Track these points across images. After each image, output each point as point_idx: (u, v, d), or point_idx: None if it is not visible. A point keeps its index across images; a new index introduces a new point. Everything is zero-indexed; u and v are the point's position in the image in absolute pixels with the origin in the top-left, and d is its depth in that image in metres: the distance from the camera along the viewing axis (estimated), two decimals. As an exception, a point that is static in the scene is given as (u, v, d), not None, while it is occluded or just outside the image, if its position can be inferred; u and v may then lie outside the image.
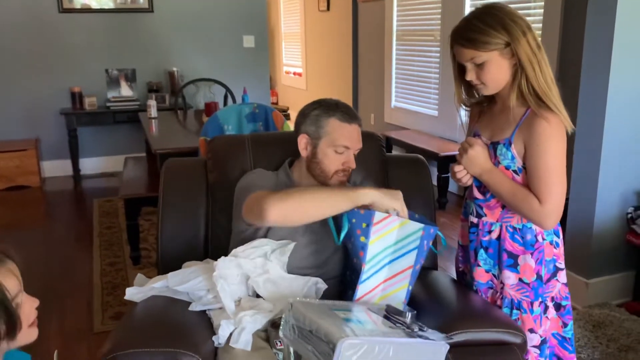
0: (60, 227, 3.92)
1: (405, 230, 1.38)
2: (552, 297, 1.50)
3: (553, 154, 1.38)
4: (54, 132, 5.10)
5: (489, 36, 1.35)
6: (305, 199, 1.41)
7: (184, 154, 2.92)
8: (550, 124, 1.37)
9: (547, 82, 1.38)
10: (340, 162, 1.56)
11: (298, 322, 1.21)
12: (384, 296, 1.41)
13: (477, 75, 1.41)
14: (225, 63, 5.50)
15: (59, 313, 2.67)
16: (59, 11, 4.92)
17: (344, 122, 1.55)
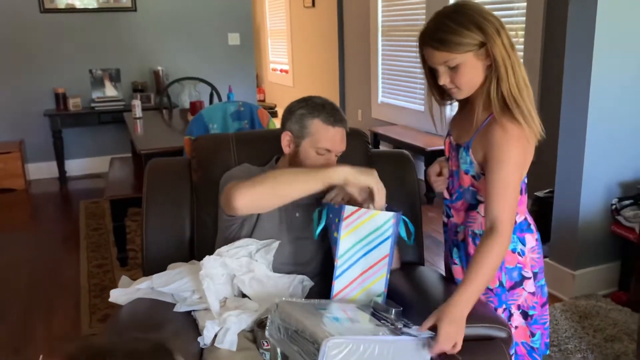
0: (46, 230, 3.88)
1: (376, 221, 1.38)
2: (518, 305, 1.46)
3: (510, 164, 1.30)
4: (38, 133, 5.05)
5: (463, 37, 1.26)
6: (274, 183, 1.38)
7: (169, 153, 2.90)
8: (507, 134, 1.29)
9: (520, 84, 1.30)
10: (321, 163, 1.54)
11: (284, 322, 1.21)
12: (363, 289, 1.42)
13: (451, 78, 1.32)
14: (211, 61, 5.48)
15: (45, 316, 2.64)
16: (41, 11, 4.87)
17: (327, 125, 1.54)
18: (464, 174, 1.43)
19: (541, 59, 3.39)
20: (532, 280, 1.46)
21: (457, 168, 1.46)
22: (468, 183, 1.43)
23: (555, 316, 2.45)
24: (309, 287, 1.48)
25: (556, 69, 3.25)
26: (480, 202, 1.43)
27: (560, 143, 2.63)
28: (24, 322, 2.60)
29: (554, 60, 3.30)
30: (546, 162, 3.36)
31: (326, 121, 1.54)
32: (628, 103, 2.54)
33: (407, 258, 1.79)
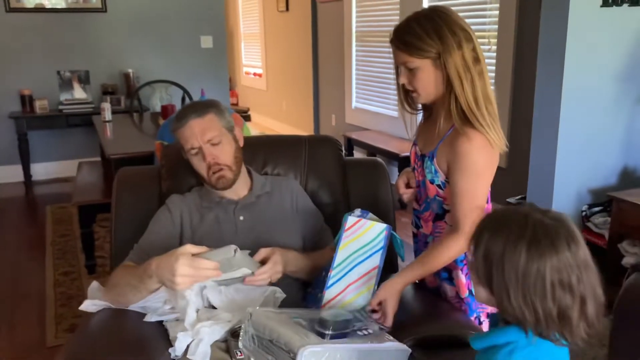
0: (10, 236, 3.75)
1: (372, 233, 1.38)
2: (487, 313, 1.47)
3: (474, 173, 1.32)
4: (3, 136, 4.90)
5: (422, 42, 1.29)
6: (118, 298, 1.42)
7: (140, 158, 2.84)
8: (471, 142, 1.30)
9: (478, 98, 1.30)
10: (203, 162, 1.55)
11: (258, 331, 1.18)
12: (350, 300, 1.40)
13: (409, 80, 1.35)
14: (183, 64, 5.40)
15: (8, 326, 2.55)
16: (7, 10, 4.73)
17: (179, 128, 1.55)
18: (429, 184, 1.43)
19: (513, 66, 3.44)
20: None
21: (423, 178, 1.47)
22: (434, 193, 1.44)
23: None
24: (280, 299, 1.46)
25: (528, 76, 3.29)
26: (447, 211, 1.43)
27: (532, 150, 2.66)
28: (-15, 332, 2.51)
29: (525, 67, 3.34)
30: (518, 169, 3.40)
31: (177, 127, 1.56)
32: (599, 111, 2.58)
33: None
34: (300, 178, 1.82)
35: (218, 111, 1.58)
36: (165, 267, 1.28)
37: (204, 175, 1.57)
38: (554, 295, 0.87)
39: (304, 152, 1.85)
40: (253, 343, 1.21)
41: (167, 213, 1.60)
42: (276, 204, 1.64)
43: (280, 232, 1.59)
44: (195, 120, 1.53)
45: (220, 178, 1.55)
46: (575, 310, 0.87)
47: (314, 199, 1.77)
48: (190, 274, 1.26)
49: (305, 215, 1.67)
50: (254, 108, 8.22)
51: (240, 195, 1.62)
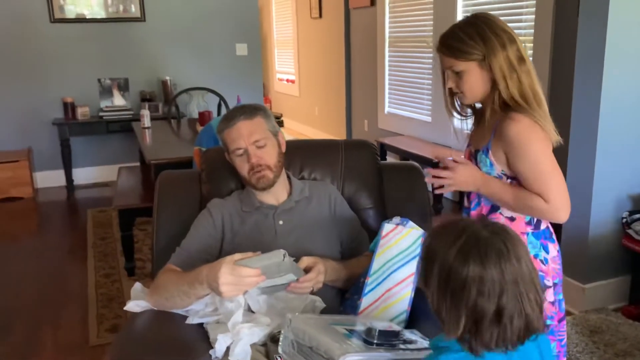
0: (53, 239, 3.89)
1: (408, 239, 1.39)
2: None
3: (535, 152, 1.35)
4: (46, 142, 5.08)
5: (467, 46, 1.35)
6: (164, 303, 1.46)
7: (179, 163, 2.91)
8: (519, 123, 1.35)
9: (525, 95, 1.36)
10: (246, 163, 1.59)
11: (297, 337, 1.19)
12: (386, 306, 1.41)
13: (456, 83, 1.41)
14: (219, 71, 5.50)
15: (53, 326, 2.64)
16: (51, 21, 4.91)
17: (227, 129, 1.60)
18: None
19: (550, 71, 3.39)
20: (552, 290, 1.47)
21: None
22: None
23: (566, 330, 2.43)
24: (320, 309, 1.48)
25: (565, 81, 3.24)
26: None
27: (570, 155, 2.62)
28: (31, 332, 2.60)
29: (563, 72, 3.29)
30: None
31: (225, 127, 1.60)
32: (639, 115, 2.53)
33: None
34: (337, 182, 1.84)
35: (265, 115, 1.63)
36: (211, 275, 1.31)
37: (246, 176, 1.61)
38: (468, 301, 0.90)
39: (341, 156, 1.87)
40: (293, 349, 1.22)
41: (209, 217, 1.64)
42: (315, 208, 1.67)
43: (318, 237, 1.61)
44: (244, 122, 1.58)
45: (262, 178, 1.58)
46: (487, 319, 0.90)
47: (350, 203, 1.78)
48: (233, 282, 1.29)
49: (343, 220, 1.69)
50: (286, 114, 8.29)
51: (279, 200, 1.66)
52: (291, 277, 1.40)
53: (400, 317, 1.42)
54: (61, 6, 4.92)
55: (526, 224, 1.44)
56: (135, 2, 5.13)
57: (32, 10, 4.84)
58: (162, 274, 1.52)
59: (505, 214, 1.45)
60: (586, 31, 2.47)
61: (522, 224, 1.44)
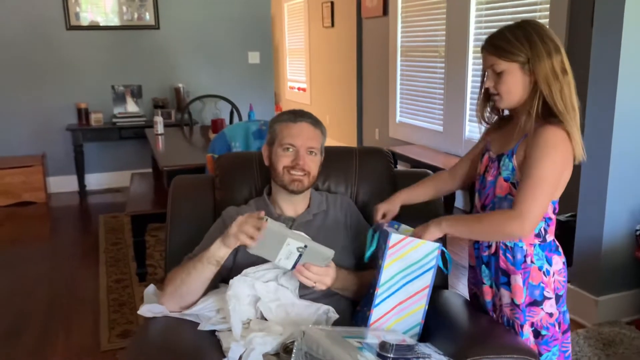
0: (66, 243, 3.92)
1: (421, 251, 1.38)
2: (532, 323, 1.47)
3: (549, 162, 1.34)
4: (60, 148, 5.13)
5: (512, 46, 1.35)
6: (180, 287, 1.48)
7: (191, 170, 2.92)
8: (556, 131, 1.35)
9: (567, 106, 1.36)
10: (289, 159, 1.59)
11: (311, 350, 1.19)
12: (398, 319, 1.40)
13: (495, 83, 1.41)
14: (231, 79, 5.54)
15: (65, 330, 2.66)
16: (67, 28, 4.98)
17: (289, 122, 1.61)
18: (503, 182, 1.45)
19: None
20: (552, 302, 1.46)
21: (493, 178, 1.48)
22: (506, 191, 1.45)
23: (579, 343, 2.41)
24: (333, 319, 1.47)
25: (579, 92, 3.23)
26: None
27: (583, 166, 2.61)
28: (43, 336, 2.62)
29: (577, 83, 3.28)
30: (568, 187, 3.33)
31: (287, 119, 1.62)
32: (653, 128, 2.51)
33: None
34: (351, 189, 1.84)
35: (324, 132, 1.68)
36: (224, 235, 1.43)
37: (280, 170, 1.59)
38: None
39: (355, 163, 1.87)
40: (306, 361, 1.22)
41: (223, 226, 1.63)
42: (331, 221, 1.67)
43: (334, 250, 1.61)
44: (309, 126, 1.62)
45: (297, 181, 1.59)
46: None
47: (364, 210, 1.78)
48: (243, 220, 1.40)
49: (357, 233, 1.69)
50: (297, 122, 8.31)
51: (298, 211, 1.66)
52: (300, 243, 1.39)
53: (414, 329, 1.41)
54: (77, 14, 4.99)
55: (535, 235, 1.44)
56: (150, 10, 5.19)
57: (48, 17, 4.91)
58: (171, 272, 1.55)
59: None
60: (600, 42, 2.46)
61: (531, 235, 1.44)
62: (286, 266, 1.42)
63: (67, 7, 4.93)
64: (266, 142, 1.67)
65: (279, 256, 1.40)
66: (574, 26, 3.28)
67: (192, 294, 1.49)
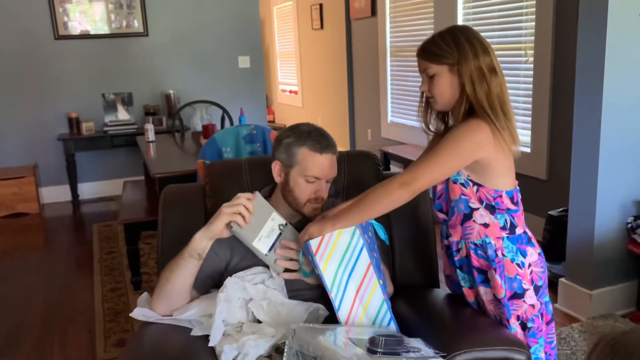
0: (60, 253, 3.90)
1: (345, 238, 1.39)
2: (517, 316, 1.48)
3: (455, 141, 1.38)
4: (52, 158, 5.11)
5: (440, 50, 1.41)
6: (164, 285, 1.48)
7: (183, 177, 2.92)
8: (468, 123, 1.39)
9: (492, 102, 1.39)
10: (312, 191, 1.55)
11: (302, 348, 1.20)
12: (365, 306, 1.41)
13: (429, 87, 1.47)
14: (222, 84, 5.54)
15: (61, 340, 2.65)
16: (55, 38, 4.96)
17: (315, 152, 1.53)
18: (452, 184, 1.48)
19: (551, 77, 3.40)
20: (530, 292, 1.48)
21: (444, 184, 1.51)
22: (459, 192, 1.48)
23: (574, 337, 2.42)
24: (324, 317, 1.48)
25: (567, 87, 3.25)
26: (474, 209, 1.46)
27: (573, 162, 2.62)
28: (39, 346, 2.61)
29: (564, 78, 3.30)
30: (559, 181, 3.35)
31: (313, 148, 1.53)
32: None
33: (421, 281, 1.78)
34: (341, 195, 1.85)
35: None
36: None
37: (302, 200, 1.56)
38: None
39: (343, 168, 1.88)
40: (297, 359, 1.23)
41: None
42: None
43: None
44: (333, 157, 1.57)
45: (315, 210, 1.58)
46: None
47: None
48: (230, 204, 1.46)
49: None
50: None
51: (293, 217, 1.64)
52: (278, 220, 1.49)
53: (382, 307, 1.42)
54: (65, 23, 4.98)
55: (500, 228, 1.46)
56: (138, 17, 5.19)
57: (37, 27, 4.90)
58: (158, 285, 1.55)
59: (479, 221, 1.46)
60: (586, 37, 2.48)
61: (496, 229, 1.46)
62: (263, 248, 1.47)
63: (54, 16, 4.92)
64: (279, 160, 1.58)
65: (261, 233, 1.47)
66: (560, 23, 3.30)
67: (177, 292, 1.49)
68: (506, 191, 1.46)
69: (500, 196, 1.45)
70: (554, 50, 3.36)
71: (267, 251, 1.49)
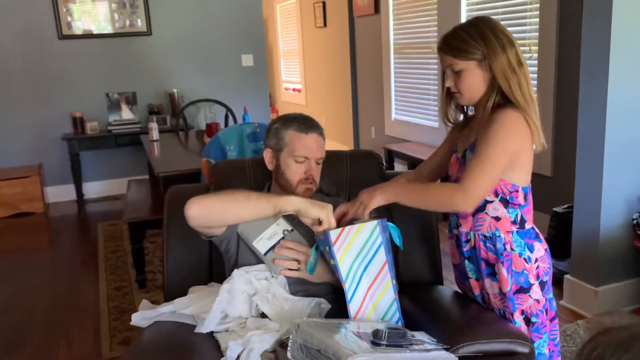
0: (65, 253, 3.92)
1: (364, 233, 1.39)
2: (522, 310, 1.48)
3: (499, 140, 1.36)
4: (56, 157, 5.13)
5: (467, 45, 1.39)
6: (227, 199, 1.45)
7: (187, 175, 2.93)
8: (508, 114, 1.37)
9: (526, 98, 1.39)
10: (302, 171, 1.61)
11: (306, 342, 1.21)
12: (374, 303, 1.42)
13: (455, 82, 1.45)
14: (225, 83, 5.54)
15: (66, 339, 2.66)
16: (59, 38, 4.98)
17: (300, 132, 1.61)
18: None
19: (555, 73, 3.39)
20: (536, 287, 1.48)
21: (459, 173, 1.51)
22: None
23: (580, 334, 2.41)
24: (326, 310, 1.49)
25: (571, 83, 3.24)
26: (488, 201, 1.46)
27: (578, 158, 2.61)
28: (44, 345, 2.62)
29: (568, 74, 3.29)
30: (564, 177, 3.33)
31: (298, 129, 1.61)
32: (646, 116, 2.52)
33: (425, 278, 1.78)
34: (344, 193, 1.85)
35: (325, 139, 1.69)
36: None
37: (294, 181, 1.61)
38: None
39: (346, 167, 1.88)
40: (301, 353, 1.24)
41: None
42: None
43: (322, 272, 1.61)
44: (319, 138, 1.64)
45: (308, 190, 1.62)
46: None
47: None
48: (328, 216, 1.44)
49: None
50: (294, 123, 8.31)
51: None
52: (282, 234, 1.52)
53: (392, 306, 1.42)
54: (69, 23, 4.99)
55: (511, 223, 1.46)
56: (142, 17, 5.19)
57: (41, 27, 4.91)
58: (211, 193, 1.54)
59: (491, 214, 1.45)
60: (590, 33, 2.47)
61: (507, 223, 1.46)
62: (262, 248, 1.51)
63: (58, 16, 4.93)
64: (270, 146, 1.66)
65: (262, 235, 1.51)
66: (564, 20, 3.29)
67: (228, 217, 1.47)
68: (522, 187, 1.45)
69: (516, 191, 1.44)
70: (558, 47, 3.35)
71: (265, 252, 1.52)
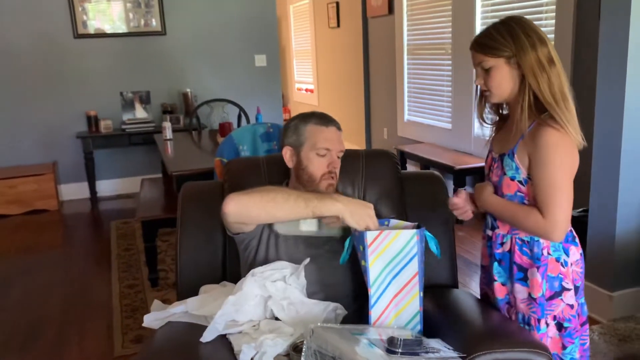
0: (78, 250, 3.95)
1: (401, 241, 1.37)
2: (554, 316, 1.47)
3: (556, 164, 1.36)
4: (70, 155, 5.17)
5: (497, 43, 1.39)
6: (266, 198, 1.43)
7: (200, 174, 2.93)
8: (554, 134, 1.37)
9: (555, 96, 1.38)
10: (325, 164, 1.61)
11: (320, 348, 1.20)
12: (397, 312, 1.40)
13: (484, 80, 1.45)
14: (238, 83, 5.55)
15: (79, 337, 2.68)
16: (74, 37, 5.02)
17: (321, 126, 1.62)
18: (509, 181, 1.46)
19: (571, 74, 3.35)
20: (571, 292, 1.47)
21: (498, 178, 1.50)
22: (515, 189, 1.46)
23: (594, 339, 2.38)
24: (342, 316, 1.48)
25: (587, 84, 3.20)
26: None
27: (594, 160, 2.58)
28: (57, 342, 2.64)
29: (585, 75, 3.25)
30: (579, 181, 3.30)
31: (319, 123, 1.63)
32: (664, 120, 2.48)
33: (441, 280, 1.77)
34: (358, 192, 1.84)
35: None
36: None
37: (317, 175, 1.61)
38: None
39: (361, 166, 1.87)
40: (316, 359, 1.23)
41: None
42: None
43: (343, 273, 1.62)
44: (338, 131, 1.65)
45: (331, 185, 1.63)
46: None
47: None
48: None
49: None
50: (306, 123, 8.31)
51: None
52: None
53: (415, 318, 1.41)
54: (84, 22, 5.03)
55: None
56: (156, 16, 5.22)
57: (56, 26, 4.96)
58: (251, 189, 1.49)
59: None
60: (608, 33, 2.44)
61: None
62: (312, 227, 1.61)
63: (74, 15, 4.98)
64: (289, 144, 1.65)
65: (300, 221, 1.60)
66: (581, 17, 3.25)
67: (264, 216, 1.46)
68: None
69: None
70: (574, 48, 3.31)
71: (317, 228, 1.59)
